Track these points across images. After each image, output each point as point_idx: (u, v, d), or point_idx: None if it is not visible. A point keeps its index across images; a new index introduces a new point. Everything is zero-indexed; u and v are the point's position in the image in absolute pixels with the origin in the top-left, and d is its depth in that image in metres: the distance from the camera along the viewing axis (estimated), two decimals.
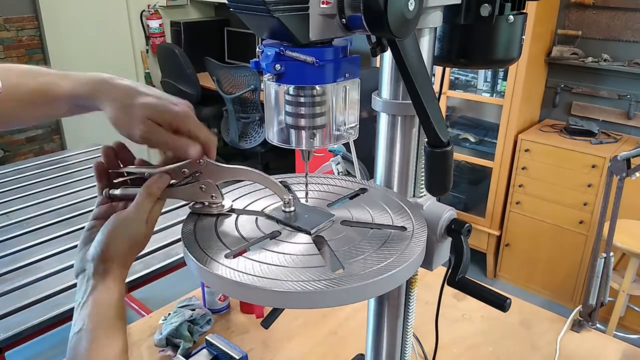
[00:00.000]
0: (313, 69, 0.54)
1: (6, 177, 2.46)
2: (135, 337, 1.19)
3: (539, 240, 2.89)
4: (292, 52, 0.54)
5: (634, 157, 1.27)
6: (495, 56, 0.70)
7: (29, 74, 0.67)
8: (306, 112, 0.59)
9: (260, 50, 0.57)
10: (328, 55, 0.55)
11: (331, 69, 0.56)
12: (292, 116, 0.60)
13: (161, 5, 4.44)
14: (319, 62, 0.54)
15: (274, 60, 0.54)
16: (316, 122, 0.60)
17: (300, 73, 0.55)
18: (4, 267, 1.73)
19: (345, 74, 0.58)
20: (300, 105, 0.59)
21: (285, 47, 0.54)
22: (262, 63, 0.56)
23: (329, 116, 0.60)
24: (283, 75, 0.55)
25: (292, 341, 1.19)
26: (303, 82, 0.57)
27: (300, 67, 0.54)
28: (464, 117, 3.40)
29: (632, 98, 2.78)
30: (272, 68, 0.55)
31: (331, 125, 0.61)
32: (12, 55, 3.71)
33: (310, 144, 0.61)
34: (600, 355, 1.16)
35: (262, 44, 0.57)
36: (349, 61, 0.58)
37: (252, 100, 3.71)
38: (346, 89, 0.60)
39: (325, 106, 0.60)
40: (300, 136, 0.61)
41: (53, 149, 4.04)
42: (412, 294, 0.77)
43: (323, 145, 0.62)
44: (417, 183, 0.74)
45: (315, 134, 0.60)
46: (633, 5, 2.70)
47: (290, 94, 0.59)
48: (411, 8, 0.51)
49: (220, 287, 0.56)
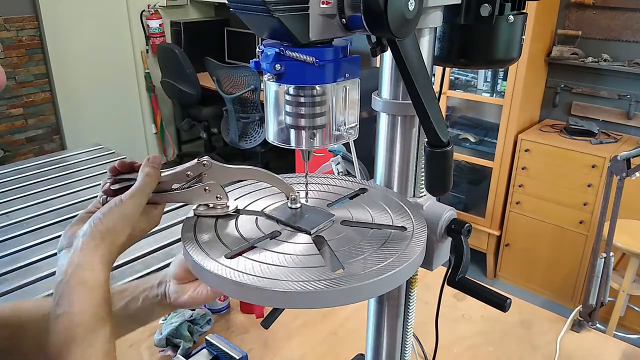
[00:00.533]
0: (313, 69, 0.54)
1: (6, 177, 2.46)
2: (135, 337, 1.19)
3: (539, 240, 2.89)
4: (292, 52, 0.54)
5: (634, 157, 1.27)
6: (495, 56, 0.70)
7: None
8: (306, 112, 0.59)
9: (260, 50, 0.57)
10: (328, 55, 0.55)
11: (331, 69, 0.56)
12: (292, 116, 0.60)
13: (161, 5, 4.44)
14: (319, 62, 0.54)
15: (274, 60, 0.54)
16: (316, 122, 0.60)
17: (300, 73, 0.55)
18: (4, 267, 1.73)
19: (345, 74, 0.58)
20: (300, 105, 0.59)
21: (285, 47, 0.54)
22: (262, 63, 0.56)
23: (329, 116, 0.60)
24: (283, 75, 0.55)
25: (292, 341, 1.19)
26: (303, 82, 0.57)
27: (300, 67, 0.54)
28: (464, 117, 3.40)
29: (632, 98, 2.78)
30: (272, 68, 0.54)
31: (331, 125, 0.61)
32: (12, 55, 3.71)
33: (310, 144, 0.61)
34: (600, 355, 1.16)
35: (262, 44, 0.57)
36: (349, 61, 0.58)
37: (252, 100, 3.71)
38: (346, 89, 0.60)
39: (325, 106, 0.60)
40: (300, 136, 0.61)
41: (53, 149, 4.04)
42: (412, 294, 0.77)
43: (323, 145, 0.62)
44: (417, 183, 0.73)
45: (315, 134, 0.60)
46: (633, 5, 2.70)
47: (290, 94, 0.59)
48: (411, 8, 0.51)
49: (220, 287, 0.56)
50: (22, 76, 3.82)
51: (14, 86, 3.79)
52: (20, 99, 3.85)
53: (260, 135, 3.77)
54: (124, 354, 1.15)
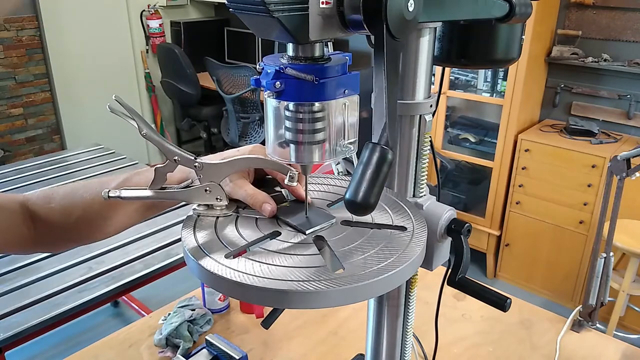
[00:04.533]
0: (312, 86, 0.55)
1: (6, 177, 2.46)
2: (135, 337, 1.20)
3: (539, 240, 2.89)
4: (292, 69, 0.54)
5: (634, 157, 1.26)
6: (495, 56, 0.70)
7: None
8: (305, 128, 0.59)
9: (261, 67, 0.57)
10: (327, 73, 0.56)
11: (331, 86, 0.57)
12: (292, 131, 0.60)
13: (161, 5, 4.44)
14: (318, 80, 0.54)
15: (274, 77, 0.55)
16: (316, 138, 0.60)
17: (300, 90, 0.56)
18: (4, 267, 1.73)
19: (345, 91, 0.58)
20: (300, 121, 0.59)
21: (285, 65, 0.55)
22: (263, 80, 0.57)
23: (328, 131, 0.61)
24: (283, 92, 0.56)
25: (292, 341, 1.19)
26: (302, 99, 0.57)
27: (299, 84, 0.55)
28: (464, 117, 3.40)
29: (632, 98, 2.78)
30: (272, 86, 0.55)
31: (330, 140, 0.62)
32: (12, 55, 3.71)
33: (310, 158, 0.61)
34: (600, 355, 1.16)
35: (263, 61, 0.58)
36: (348, 78, 0.58)
37: (252, 100, 3.71)
38: (345, 105, 0.60)
39: (324, 121, 0.60)
40: (300, 151, 0.61)
41: (53, 149, 4.04)
42: (412, 294, 0.77)
43: (322, 161, 0.62)
44: (417, 183, 0.74)
45: (314, 149, 0.61)
46: (633, 5, 2.70)
47: (289, 110, 0.59)
48: (411, 9, 0.51)
49: (220, 287, 0.56)
50: (22, 76, 3.82)
51: (14, 86, 3.79)
52: (20, 99, 3.85)
53: (260, 135, 3.77)
54: (124, 354, 1.15)
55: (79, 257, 1.79)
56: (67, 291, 1.61)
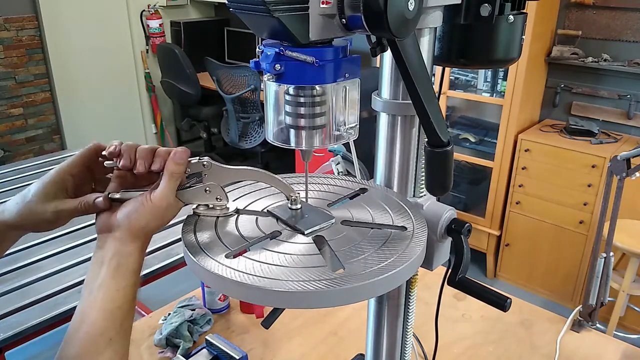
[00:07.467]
0: (313, 68, 0.54)
1: (6, 177, 2.46)
2: (135, 337, 1.19)
3: (539, 240, 2.89)
4: (292, 52, 0.54)
5: (634, 157, 1.26)
6: (495, 56, 0.70)
7: None
8: (306, 112, 0.59)
9: (260, 50, 0.57)
10: (328, 55, 0.55)
11: (331, 69, 0.56)
12: (292, 116, 0.60)
13: (161, 5, 4.44)
14: (318, 62, 0.54)
15: (274, 60, 0.54)
16: (316, 122, 0.60)
17: (300, 73, 0.55)
18: (4, 267, 1.73)
19: (345, 74, 0.58)
20: (300, 105, 0.59)
21: (285, 47, 0.54)
22: (262, 63, 0.56)
23: (328, 116, 0.60)
24: (283, 75, 0.55)
25: (292, 341, 1.19)
26: (303, 82, 0.57)
27: (300, 67, 0.54)
28: (464, 117, 3.40)
29: (632, 98, 2.78)
30: (272, 68, 0.54)
31: (331, 125, 0.61)
32: (12, 55, 3.71)
33: (310, 144, 0.61)
34: (600, 355, 1.16)
35: (262, 44, 0.57)
36: (349, 61, 0.58)
37: (252, 100, 3.71)
38: (346, 88, 0.60)
39: (325, 106, 0.60)
40: (300, 136, 0.61)
41: (53, 149, 4.04)
42: (412, 294, 0.77)
43: (323, 146, 0.62)
44: (417, 183, 0.74)
45: (315, 133, 0.60)
46: (633, 5, 2.70)
47: (290, 94, 0.59)
48: (411, 8, 0.51)
49: (220, 287, 0.56)
50: (22, 76, 3.81)
51: (14, 86, 3.78)
52: (20, 99, 3.85)
53: (260, 135, 3.77)
54: None
55: (79, 257, 1.79)
56: (67, 291, 1.61)
